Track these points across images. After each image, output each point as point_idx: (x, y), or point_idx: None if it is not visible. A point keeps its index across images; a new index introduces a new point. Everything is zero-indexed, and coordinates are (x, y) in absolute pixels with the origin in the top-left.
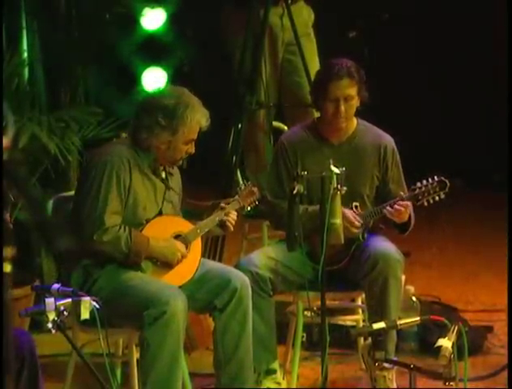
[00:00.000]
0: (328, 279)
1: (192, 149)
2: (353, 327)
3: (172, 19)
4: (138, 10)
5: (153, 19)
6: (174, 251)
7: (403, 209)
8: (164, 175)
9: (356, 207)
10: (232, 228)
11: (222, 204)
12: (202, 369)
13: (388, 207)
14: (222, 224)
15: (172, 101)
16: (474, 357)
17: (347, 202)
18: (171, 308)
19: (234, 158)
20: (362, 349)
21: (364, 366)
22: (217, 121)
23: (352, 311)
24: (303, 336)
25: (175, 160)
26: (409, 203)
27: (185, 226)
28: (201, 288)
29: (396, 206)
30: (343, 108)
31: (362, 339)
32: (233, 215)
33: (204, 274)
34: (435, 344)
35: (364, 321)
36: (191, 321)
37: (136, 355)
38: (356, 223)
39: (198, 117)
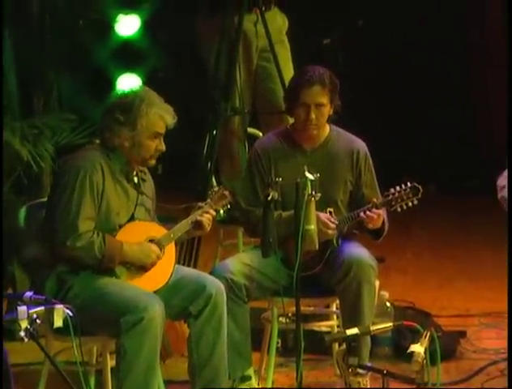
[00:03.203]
0: (303, 285)
1: (161, 146)
2: (328, 332)
3: (147, 26)
4: (112, 17)
5: (127, 25)
6: (148, 253)
7: (376, 216)
8: (136, 180)
9: (330, 212)
10: (208, 229)
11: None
12: (176, 376)
13: (361, 214)
14: (198, 225)
15: (129, 98)
16: (447, 362)
17: (321, 208)
18: (148, 314)
19: (209, 164)
20: (337, 355)
21: (338, 372)
22: (192, 127)
23: (326, 317)
24: (278, 342)
25: (144, 158)
26: (382, 211)
27: (158, 231)
28: (175, 294)
29: (369, 213)
30: (313, 115)
31: (337, 344)
32: (209, 215)
33: (179, 280)
34: (408, 349)
35: (338, 327)
36: (166, 328)
37: (110, 363)
38: (331, 224)
39: (157, 111)
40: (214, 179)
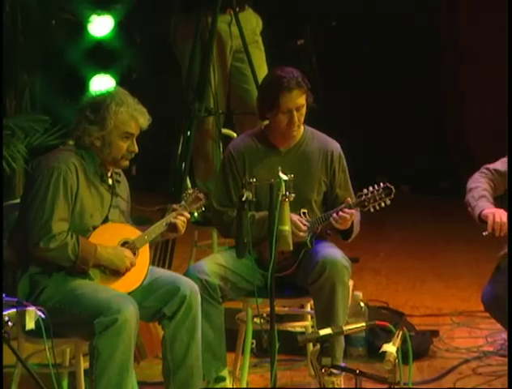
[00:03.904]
0: (277, 285)
1: (133, 147)
2: (302, 333)
3: (120, 26)
4: (85, 17)
5: (101, 26)
6: (122, 258)
7: (348, 216)
8: (110, 182)
9: (304, 213)
10: (182, 231)
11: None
12: (151, 377)
13: (334, 214)
14: (172, 228)
15: (100, 97)
16: (420, 361)
17: (295, 208)
18: (122, 316)
19: (183, 165)
20: (311, 355)
21: (312, 372)
22: (166, 127)
23: (300, 317)
24: (252, 343)
25: (115, 158)
26: (354, 211)
27: (132, 233)
28: (150, 296)
29: (341, 213)
30: (296, 118)
31: (311, 345)
32: (184, 218)
33: (153, 282)
34: (381, 348)
35: (312, 327)
36: (140, 329)
37: (83, 365)
38: (302, 227)
39: (128, 111)
40: (188, 180)
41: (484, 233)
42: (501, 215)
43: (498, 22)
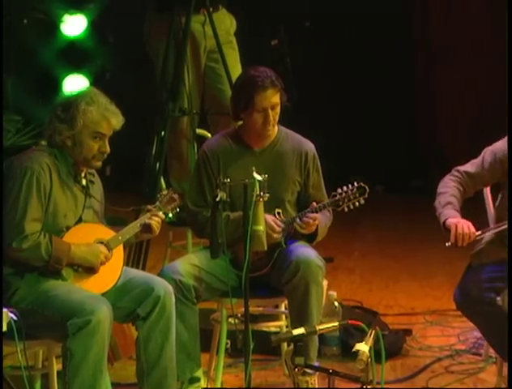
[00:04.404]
0: (251, 285)
1: (105, 148)
2: (277, 333)
3: (93, 26)
4: (58, 17)
5: (74, 26)
6: (97, 254)
7: (311, 221)
8: (84, 182)
9: (278, 213)
10: (157, 232)
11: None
12: (125, 379)
13: (297, 220)
14: (147, 228)
15: (73, 96)
16: (393, 360)
17: (269, 208)
18: (96, 317)
19: (158, 165)
20: (285, 355)
21: (287, 372)
22: (140, 128)
23: (275, 317)
24: (227, 343)
25: (86, 158)
26: (318, 216)
27: (106, 233)
28: (123, 296)
29: (304, 218)
30: (271, 117)
31: (285, 345)
32: (158, 218)
33: (126, 282)
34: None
35: (287, 327)
36: (114, 330)
37: (56, 367)
38: (277, 228)
39: (99, 110)
40: (162, 180)
41: (446, 244)
42: (463, 225)
43: (471, 22)
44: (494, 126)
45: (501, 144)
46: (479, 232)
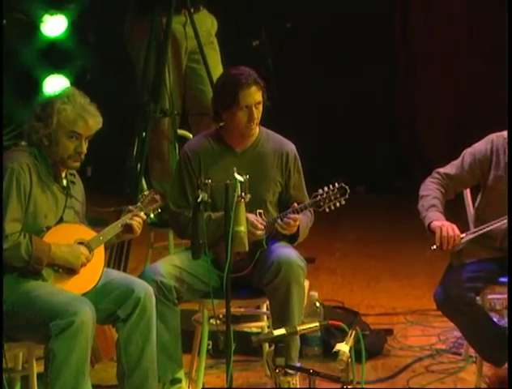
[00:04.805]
0: (233, 286)
1: (81, 148)
2: (258, 333)
3: (74, 26)
4: (38, 17)
5: (54, 26)
6: (78, 255)
7: (292, 222)
8: (65, 183)
9: (259, 214)
10: (138, 232)
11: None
12: (106, 380)
13: (278, 220)
14: (128, 229)
15: (52, 96)
16: (374, 360)
17: (251, 209)
18: (79, 318)
19: (139, 166)
20: (267, 356)
21: (268, 372)
22: (121, 128)
23: (257, 318)
24: (209, 344)
25: (62, 158)
26: (299, 216)
27: (87, 234)
28: (104, 298)
29: (285, 219)
30: (255, 114)
31: (267, 345)
32: (139, 219)
33: (106, 284)
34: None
35: (269, 327)
36: (95, 332)
37: (36, 369)
38: (259, 225)
39: (75, 110)
40: (144, 181)
41: (432, 248)
42: (448, 228)
43: (451, 22)
44: (474, 126)
45: (480, 146)
46: (463, 235)
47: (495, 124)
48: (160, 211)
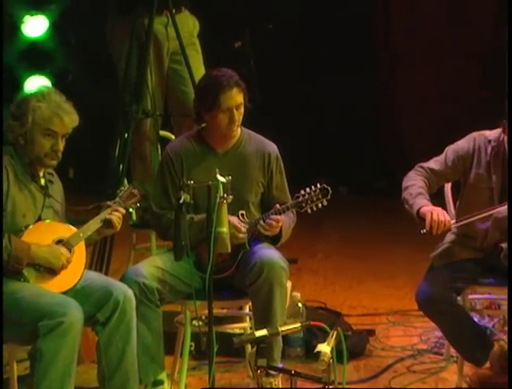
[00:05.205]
0: (215, 287)
1: (57, 146)
2: (240, 334)
3: (55, 27)
4: (19, 18)
5: (35, 27)
6: (58, 256)
7: (275, 223)
8: (43, 182)
9: (242, 215)
10: (118, 227)
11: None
12: (87, 383)
13: (261, 222)
14: (108, 224)
15: (27, 95)
16: (356, 360)
17: (233, 210)
18: (68, 319)
19: (121, 167)
20: (249, 357)
21: (251, 373)
22: (103, 130)
23: (239, 319)
24: (191, 346)
25: (38, 156)
26: (282, 217)
27: (66, 231)
28: (83, 301)
29: (268, 220)
30: (236, 116)
31: (250, 346)
32: (119, 213)
33: (86, 287)
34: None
35: (251, 328)
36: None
37: (17, 371)
38: (242, 228)
39: (50, 107)
40: (126, 182)
41: (422, 231)
42: (439, 213)
43: (433, 23)
44: (456, 127)
45: (462, 143)
46: (453, 221)
47: (476, 124)
48: (139, 206)
